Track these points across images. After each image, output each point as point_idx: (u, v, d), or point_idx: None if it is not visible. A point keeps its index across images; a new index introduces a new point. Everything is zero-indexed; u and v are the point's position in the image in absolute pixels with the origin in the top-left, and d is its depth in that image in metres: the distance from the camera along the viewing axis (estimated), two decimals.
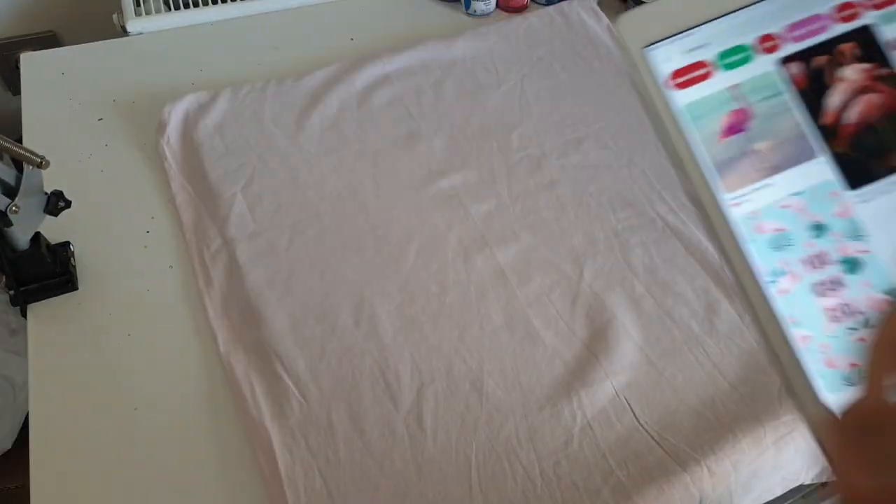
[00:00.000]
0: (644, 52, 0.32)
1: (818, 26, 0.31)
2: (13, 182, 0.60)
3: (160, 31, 0.97)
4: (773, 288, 0.30)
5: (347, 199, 0.77)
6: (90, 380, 0.64)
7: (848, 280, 0.30)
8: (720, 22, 0.32)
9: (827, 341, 0.29)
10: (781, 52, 0.31)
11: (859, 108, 0.31)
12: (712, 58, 0.32)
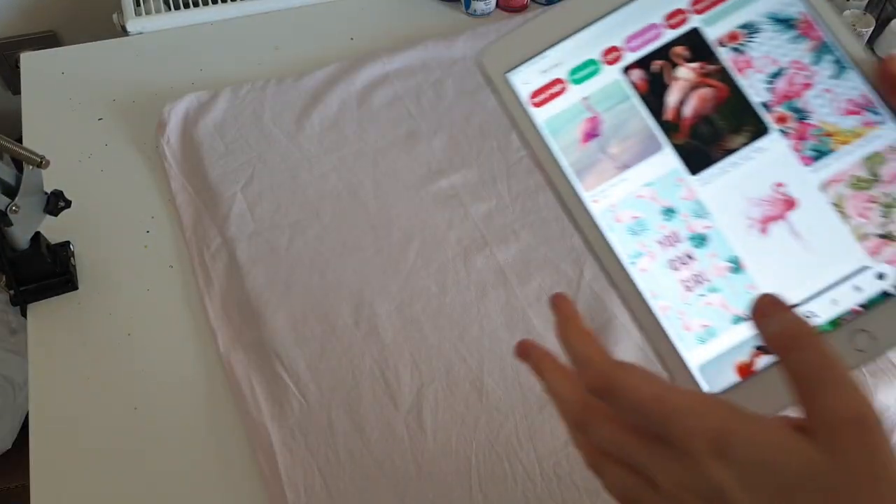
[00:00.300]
0: (505, 77, 0.35)
1: (653, 34, 0.35)
2: (13, 182, 0.60)
3: (160, 30, 0.97)
4: (635, 268, 0.34)
5: (347, 199, 0.77)
6: (90, 379, 0.64)
7: (697, 254, 0.34)
8: (569, 41, 0.35)
9: (683, 308, 0.34)
10: (623, 61, 0.35)
11: (694, 102, 0.35)
12: (565, 74, 0.35)
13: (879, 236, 0.34)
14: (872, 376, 0.65)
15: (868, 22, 0.88)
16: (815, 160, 0.34)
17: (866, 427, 0.25)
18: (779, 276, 0.34)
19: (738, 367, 0.33)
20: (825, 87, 0.35)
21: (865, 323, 0.33)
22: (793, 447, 0.25)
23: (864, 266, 0.33)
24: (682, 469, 0.27)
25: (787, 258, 0.34)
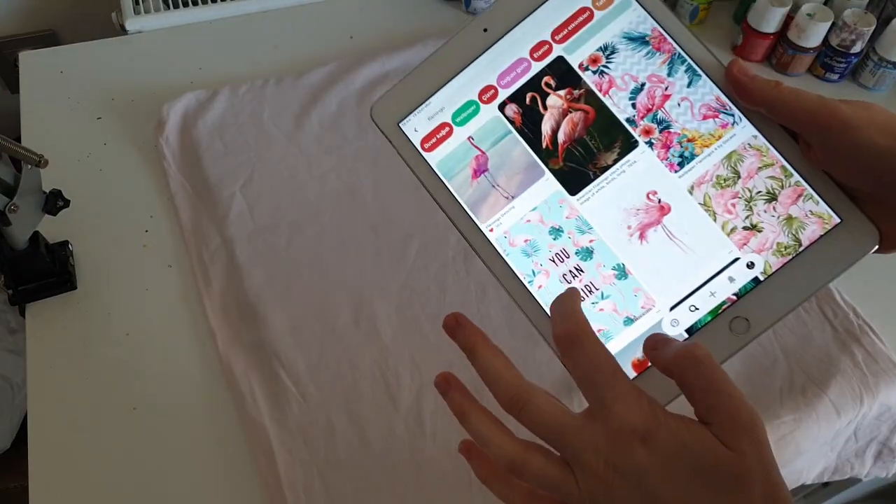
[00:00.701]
0: (398, 126, 0.38)
1: (522, 68, 0.38)
2: (12, 181, 0.60)
3: (159, 29, 0.97)
4: (533, 286, 0.37)
5: (347, 199, 0.77)
6: (89, 379, 0.64)
7: (585, 266, 0.37)
8: (448, 87, 0.38)
9: None
10: (499, 98, 0.38)
11: (566, 127, 0.38)
12: (449, 118, 0.38)
13: (745, 228, 0.36)
14: (873, 376, 0.65)
15: (869, 21, 0.88)
16: (680, 166, 0.37)
17: (756, 430, 0.30)
18: (661, 276, 0.37)
19: (634, 364, 0.36)
20: (682, 95, 0.37)
21: (740, 310, 0.36)
22: (707, 440, 0.30)
23: (736, 258, 0.36)
24: (612, 449, 0.31)
25: (667, 259, 0.37)
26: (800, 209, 0.36)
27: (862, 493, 1.06)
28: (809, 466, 0.69)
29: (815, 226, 0.36)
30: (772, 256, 0.36)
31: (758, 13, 0.92)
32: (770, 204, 0.36)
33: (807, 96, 0.34)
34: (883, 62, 0.91)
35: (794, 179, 0.36)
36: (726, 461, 0.29)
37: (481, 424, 0.35)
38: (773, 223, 0.36)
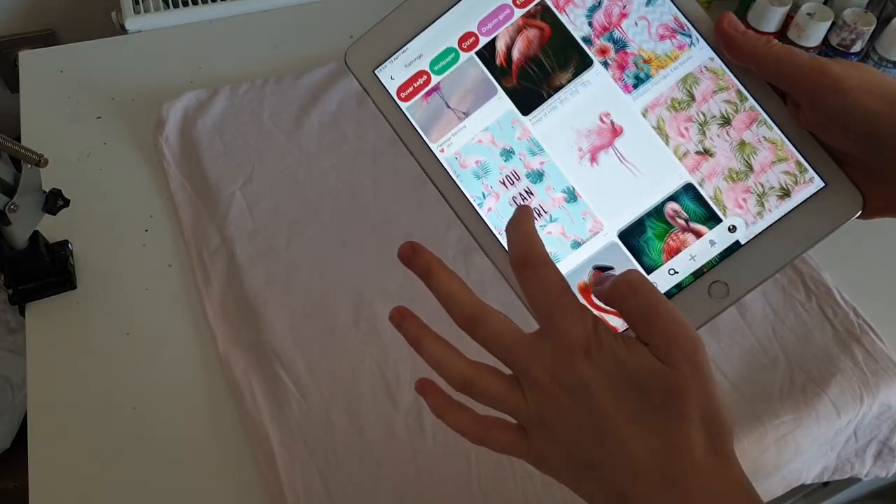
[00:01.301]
0: (374, 74, 0.37)
1: (504, 15, 0.37)
2: (11, 180, 0.60)
3: (159, 29, 0.97)
4: (482, 208, 0.37)
5: (347, 198, 0.77)
6: (89, 379, 0.64)
7: (535, 189, 0.37)
8: (426, 33, 0.37)
9: None
10: (479, 45, 0.37)
11: (520, 45, 0.37)
12: (427, 66, 0.37)
13: (697, 153, 0.36)
14: (873, 375, 0.65)
15: (869, 20, 0.88)
16: (635, 87, 0.36)
17: (694, 350, 0.30)
18: (610, 199, 0.36)
19: (580, 288, 0.37)
20: (640, 14, 0.36)
21: (720, 274, 0.35)
22: (643, 356, 0.31)
23: (687, 182, 0.36)
24: (557, 364, 0.32)
25: (617, 182, 0.36)
26: (753, 135, 0.36)
27: (862, 493, 1.06)
28: (809, 466, 0.69)
29: (787, 179, 0.35)
30: (723, 182, 0.36)
31: (758, 12, 0.92)
32: (724, 128, 0.36)
33: (798, 54, 0.33)
34: (883, 61, 0.91)
35: (749, 104, 0.36)
36: (660, 375, 0.30)
37: (434, 347, 0.36)
38: (726, 148, 0.36)
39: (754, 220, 0.36)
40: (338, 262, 0.71)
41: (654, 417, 0.30)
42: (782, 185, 0.36)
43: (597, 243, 0.37)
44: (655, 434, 0.30)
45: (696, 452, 0.30)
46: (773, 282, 0.71)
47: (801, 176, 0.35)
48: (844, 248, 0.73)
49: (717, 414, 0.30)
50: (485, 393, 0.35)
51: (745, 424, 0.62)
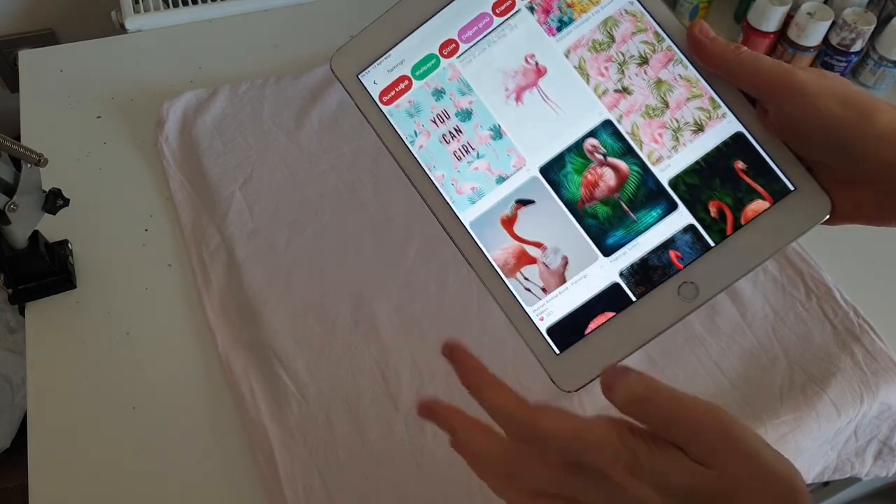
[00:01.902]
0: (357, 78, 0.39)
1: (484, 23, 0.38)
2: (11, 180, 0.60)
3: (159, 28, 0.97)
4: (414, 146, 0.39)
5: (347, 197, 0.77)
6: (88, 378, 0.64)
7: (464, 127, 0.39)
8: (409, 40, 0.39)
9: (455, 175, 0.39)
10: (459, 52, 0.39)
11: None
12: (409, 71, 0.39)
13: (616, 91, 0.38)
14: (874, 375, 0.65)
15: (869, 20, 0.88)
16: (559, 30, 0.38)
17: (728, 433, 0.29)
18: (534, 136, 0.38)
19: (503, 220, 0.38)
20: None
21: (689, 275, 0.36)
22: (686, 467, 0.29)
23: (606, 119, 0.37)
24: (606, 490, 0.30)
25: (540, 121, 0.38)
26: (669, 73, 0.37)
27: (862, 493, 1.06)
28: (809, 465, 0.69)
29: (701, 115, 0.36)
30: (640, 118, 0.37)
31: (758, 12, 0.92)
32: (641, 68, 0.37)
33: (765, 60, 0.34)
34: (883, 61, 0.91)
35: (666, 44, 0.37)
36: (711, 483, 0.29)
37: (469, 438, 0.37)
38: (643, 86, 0.37)
39: (669, 153, 0.37)
40: (337, 262, 0.71)
41: None
42: (696, 121, 0.37)
43: (520, 178, 0.38)
44: None
45: None
46: (773, 282, 0.71)
47: (714, 112, 0.37)
48: (844, 247, 0.73)
49: (783, 489, 0.29)
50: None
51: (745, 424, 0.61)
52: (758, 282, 0.71)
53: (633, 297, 0.36)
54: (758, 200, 0.36)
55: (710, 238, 0.36)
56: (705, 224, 0.36)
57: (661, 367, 0.65)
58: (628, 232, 0.37)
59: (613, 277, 0.37)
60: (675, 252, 0.36)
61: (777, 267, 0.72)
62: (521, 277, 0.38)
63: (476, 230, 0.38)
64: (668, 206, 0.37)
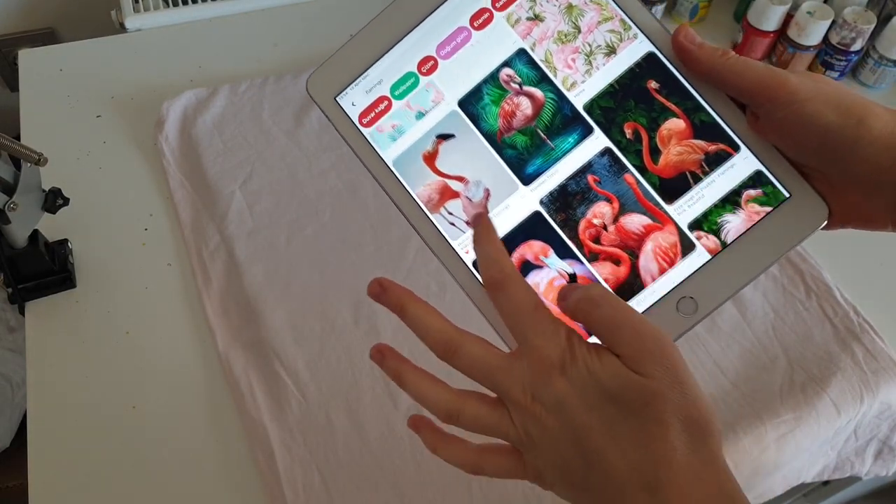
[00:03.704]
0: (335, 101, 0.38)
1: (462, 38, 0.38)
2: (11, 179, 0.60)
3: (158, 27, 0.97)
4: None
5: (347, 197, 0.77)
6: (88, 377, 0.64)
7: None
8: (385, 59, 0.38)
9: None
10: (438, 70, 0.38)
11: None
12: (388, 91, 0.38)
13: (528, 19, 0.37)
14: (874, 374, 0.65)
15: (869, 19, 0.88)
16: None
17: (665, 354, 0.31)
18: (451, 70, 0.38)
19: (425, 156, 0.37)
20: None
21: (687, 290, 0.35)
22: (615, 368, 0.31)
23: (520, 48, 0.37)
24: (536, 382, 0.32)
25: (457, 54, 0.38)
26: None
27: (862, 492, 1.06)
28: (809, 465, 0.69)
29: (613, 38, 0.36)
30: (553, 45, 0.37)
31: (758, 11, 0.92)
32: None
33: (755, 66, 0.33)
34: (883, 60, 0.91)
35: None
36: (634, 385, 0.30)
37: (417, 381, 0.37)
38: (555, 13, 0.37)
39: (583, 78, 0.37)
40: (337, 261, 0.71)
41: (632, 428, 0.30)
42: (608, 44, 0.37)
43: (439, 113, 0.38)
44: (635, 445, 0.30)
45: (677, 457, 0.30)
46: (773, 281, 0.71)
47: (625, 33, 0.37)
48: (844, 247, 0.73)
49: (698, 416, 0.30)
50: (472, 421, 0.35)
51: (745, 423, 0.62)
52: (758, 281, 0.71)
53: (556, 227, 0.37)
54: (672, 119, 0.36)
55: (627, 160, 0.36)
56: (621, 146, 0.36)
57: None
58: (547, 160, 0.37)
59: (534, 206, 0.37)
60: (592, 176, 0.36)
61: (777, 266, 0.72)
62: (445, 213, 0.38)
63: (399, 168, 0.38)
64: (584, 131, 0.37)
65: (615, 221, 0.36)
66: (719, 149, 0.36)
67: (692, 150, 0.36)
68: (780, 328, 0.68)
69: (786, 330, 0.68)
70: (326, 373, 0.63)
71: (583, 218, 0.36)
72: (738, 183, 0.36)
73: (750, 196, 0.35)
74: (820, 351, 0.66)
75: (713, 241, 0.35)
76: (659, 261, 0.36)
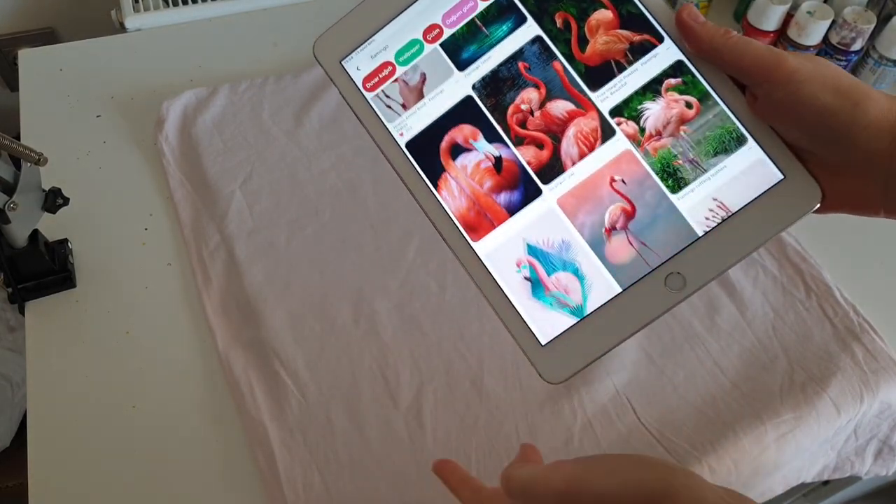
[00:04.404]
0: (340, 64, 0.38)
1: (469, 7, 0.38)
2: (11, 179, 0.60)
3: (158, 27, 0.97)
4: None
5: (346, 196, 0.77)
6: (88, 377, 0.64)
7: None
8: (392, 25, 0.38)
9: None
10: (444, 37, 0.38)
11: None
12: (392, 57, 0.38)
13: None
14: (874, 374, 0.65)
15: (869, 19, 0.88)
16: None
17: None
18: None
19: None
20: None
21: (677, 265, 0.35)
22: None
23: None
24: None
25: None
26: None
27: (862, 492, 1.06)
28: (809, 464, 0.69)
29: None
30: None
31: (758, 11, 0.92)
32: None
33: (755, 45, 0.33)
34: (883, 60, 0.91)
35: None
36: None
37: None
38: None
39: None
40: (337, 261, 0.71)
41: None
42: None
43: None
44: None
45: None
46: (773, 281, 0.71)
47: None
48: (844, 246, 0.73)
49: None
50: None
51: (745, 423, 0.62)
52: (757, 281, 0.71)
53: (486, 112, 0.37)
54: (601, 10, 0.37)
55: (556, 48, 0.37)
56: (552, 35, 0.37)
57: (660, 367, 0.65)
58: (481, 46, 0.38)
59: (467, 91, 0.38)
60: (523, 63, 0.37)
61: (777, 266, 0.72)
62: (382, 95, 0.38)
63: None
64: (518, 20, 0.37)
65: (541, 107, 0.37)
66: (643, 39, 0.36)
67: (618, 39, 0.37)
68: (780, 328, 0.68)
69: (786, 330, 0.68)
70: (326, 373, 0.63)
71: (511, 103, 0.37)
72: (660, 71, 0.36)
73: (670, 84, 0.36)
74: (820, 351, 0.66)
75: (632, 126, 0.36)
76: (579, 145, 0.37)
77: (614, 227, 0.36)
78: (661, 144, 0.36)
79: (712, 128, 0.36)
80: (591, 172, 0.36)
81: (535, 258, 0.37)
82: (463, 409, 0.62)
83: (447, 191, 0.37)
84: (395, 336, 0.66)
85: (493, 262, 0.37)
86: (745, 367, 0.65)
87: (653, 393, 0.63)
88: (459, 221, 0.37)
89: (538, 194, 0.37)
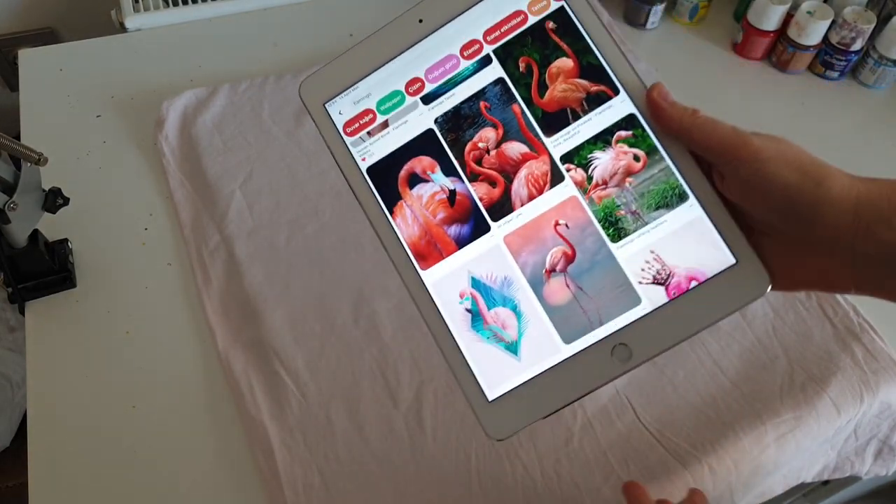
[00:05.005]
0: (324, 107, 0.39)
1: (451, 65, 0.39)
2: (11, 179, 0.60)
3: (158, 27, 0.97)
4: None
5: (347, 196, 0.77)
6: (88, 377, 0.64)
7: None
8: (377, 74, 0.39)
9: None
10: (424, 91, 0.39)
11: None
12: (374, 105, 0.39)
13: None
14: (874, 374, 0.65)
15: (869, 19, 0.88)
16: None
17: None
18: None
19: None
20: None
21: (624, 337, 0.36)
22: None
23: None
24: None
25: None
26: None
27: (862, 492, 1.06)
28: (809, 464, 0.69)
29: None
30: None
31: (758, 11, 0.92)
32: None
33: (721, 126, 0.34)
34: (883, 60, 0.91)
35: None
36: None
37: None
38: None
39: None
40: (337, 261, 0.71)
41: None
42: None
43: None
44: None
45: None
46: None
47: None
48: None
49: None
50: None
51: (745, 423, 0.62)
52: None
53: (445, 146, 0.38)
54: (563, 58, 0.38)
55: (517, 91, 0.38)
56: (514, 78, 0.38)
57: (660, 367, 0.65)
58: (447, 83, 0.39)
59: (429, 124, 0.39)
60: (484, 102, 0.38)
61: None
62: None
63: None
64: (484, 61, 0.38)
65: (498, 146, 0.38)
66: (600, 90, 0.37)
67: (576, 88, 0.38)
68: (780, 328, 0.68)
69: (786, 330, 0.68)
70: (326, 372, 0.63)
71: (470, 140, 0.38)
72: (612, 123, 0.37)
73: (621, 136, 0.37)
74: (820, 351, 0.66)
75: (580, 174, 0.37)
76: (529, 187, 0.38)
77: (554, 269, 0.37)
78: (607, 194, 0.37)
79: (656, 182, 0.36)
80: (537, 214, 0.37)
81: (477, 291, 0.37)
82: (463, 408, 0.62)
83: (402, 218, 0.38)
84: (395, 336, 0.66)
85: (437, 291, 0.37)
86: (745, 367, 0.65)
87: (653, 393, 0.63)
88: (410, 249, 0.38)
89: (487, 230, 0.38)
